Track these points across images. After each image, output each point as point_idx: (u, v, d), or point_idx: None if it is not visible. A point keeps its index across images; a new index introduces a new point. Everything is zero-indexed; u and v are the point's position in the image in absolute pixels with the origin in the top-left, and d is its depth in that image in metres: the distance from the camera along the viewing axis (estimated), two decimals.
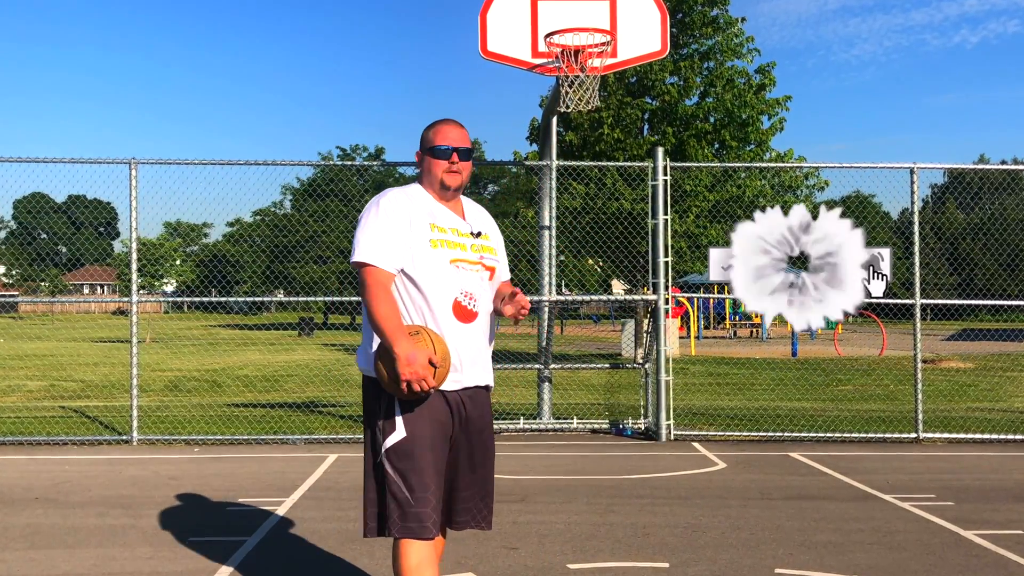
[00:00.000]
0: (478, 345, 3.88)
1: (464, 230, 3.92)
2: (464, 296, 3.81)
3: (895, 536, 6.41)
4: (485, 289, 3.91)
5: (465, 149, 3.94)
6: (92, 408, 13.84)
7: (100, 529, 6.60)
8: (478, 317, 3.86)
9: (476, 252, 3.90)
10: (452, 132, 3.95)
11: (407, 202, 3.84)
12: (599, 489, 7.96)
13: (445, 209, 3.92)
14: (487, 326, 3.94)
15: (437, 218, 3.86)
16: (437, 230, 3.82)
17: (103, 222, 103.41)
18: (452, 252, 3.81)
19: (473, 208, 4.09)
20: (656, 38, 10.73)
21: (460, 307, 3.81)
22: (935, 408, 13.51)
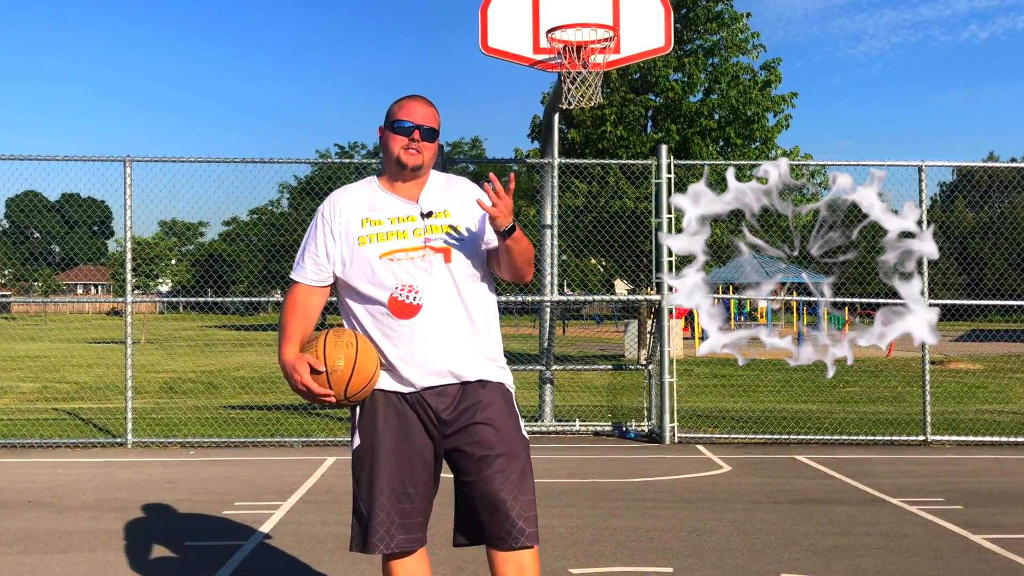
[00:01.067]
0: (432, 340, 3.54)
1: (408, 214, 3.63)
2: (401, 290, 3.54)
3: (903, 540, 6.40)
4: (436, 276, 3.57)
5: (429, 128, 3.65)
6: (86, 410, 13.84)
7: (94, 533, 6.60)
8: (422, 310, 3.54)
9: (420, 236, 3.58)
10: (418, 108, 3.67)
11: (343, 202, 3.70)
12: (602, 493, 7.96)
13: (390, 197, 3.67)
14: (445, 316, 3.56)
15: (375, 210, 3.64)
16: (369, 224, 3.62)
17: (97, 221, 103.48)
18: (384, 244, 3.58)
19: (439, 183, 3.75)
20: (660, 34, 10.72)
21: (396, 303, 3.54)
22: (943, 410, 13.51)
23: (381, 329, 3.58)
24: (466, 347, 3.59)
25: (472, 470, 3.54)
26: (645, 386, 11.76)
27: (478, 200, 3.51)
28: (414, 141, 3.62)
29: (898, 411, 13.70)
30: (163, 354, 27.20)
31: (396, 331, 3.55)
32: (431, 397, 3.56)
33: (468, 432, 3.55)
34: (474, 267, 3.66)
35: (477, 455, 3.53)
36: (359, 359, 3.50)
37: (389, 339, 3.57)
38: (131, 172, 10.65)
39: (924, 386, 10.95)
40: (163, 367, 22.61)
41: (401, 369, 3.56)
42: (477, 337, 3.63)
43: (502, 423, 3.58)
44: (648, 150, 22.47)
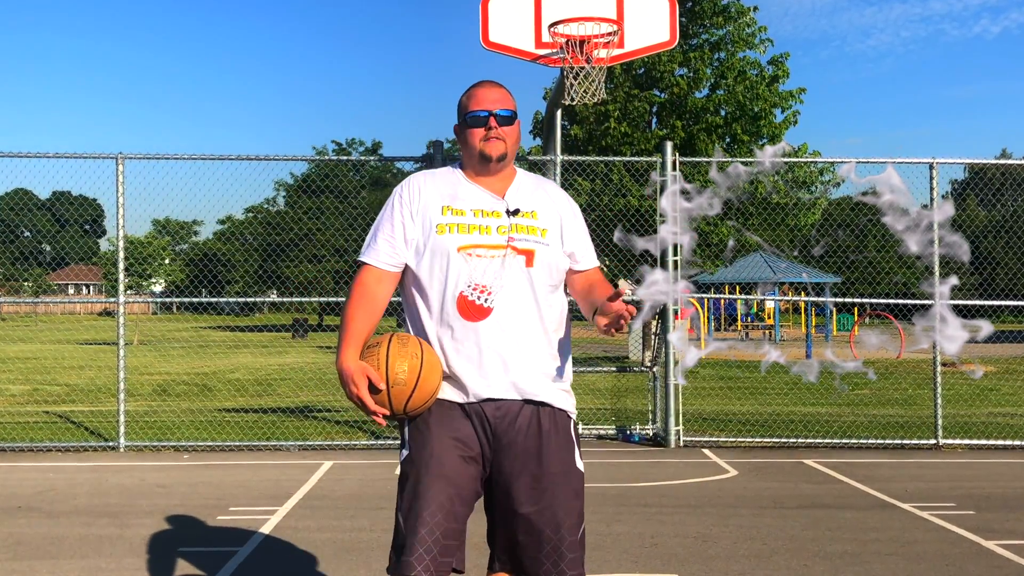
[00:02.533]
0: (500, 348, 3.34)
1: (493, 208, 3.45)
2: (472, 289, 3.34)
3: (914, 546, 6.40)
4: (513, 278, 3.37)
5: (506, 112, 3.49)
6: (77, 413, 13.84)
7: (86, 539, 6.60)
8: (492, 313, 3.34)
9: (503, 234, 3.40)
10: (490, 94, 3.50)
11: (423, 185, 3.52)
12: (605, 497, 7.96)
13: (475, 188, 3.49)
14: (517, 322, 3.37)
15: (458, 199, 3.46)
16: (451, 213, 3.42)
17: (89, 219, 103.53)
18: (464, 237, 3.38)
19: (529, 182, 3.60)
20: (664, 28, 10.72)
21: (466, 302, 3.34)
22: (955, 413, 13.50)
23: (445, 330, 3.38)
24: (535, 360, 3.41)
25: (521, 502, 3.35)
26: (649, 388, 11.76)
27: (612, 297, 3.24)
28: (491, 129, 3.46)
29: (909, 414, 13.70)
30: (156, 356, 27.21)
31: (461, 334, 3.36)
32: (489, 409, 3.37)
33: (523, 460, 3.37)
34: (555, 276, 3.50)
35: (530, 486, 3.35)
36: (423, 373, 3.30)
37: (454, 341, 3.37)
38: (123, 169, 10.66)
39: (935, 388, 10.95)
40: (156, 369, 22.61)
41: (462, 376, 3.37)
42: (549, 351, 3.46)
43: (559, 453, 3.40)
44: (653, 147, 22.48)
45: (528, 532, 3.34)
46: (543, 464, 3.36)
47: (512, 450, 3.37)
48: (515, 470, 3.36)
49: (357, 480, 8.80)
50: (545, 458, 3.37)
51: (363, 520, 7.09)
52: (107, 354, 26.13)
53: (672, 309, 10.92)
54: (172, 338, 37.91)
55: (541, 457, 3.37)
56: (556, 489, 3.36)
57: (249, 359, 26.55)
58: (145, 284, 46.76)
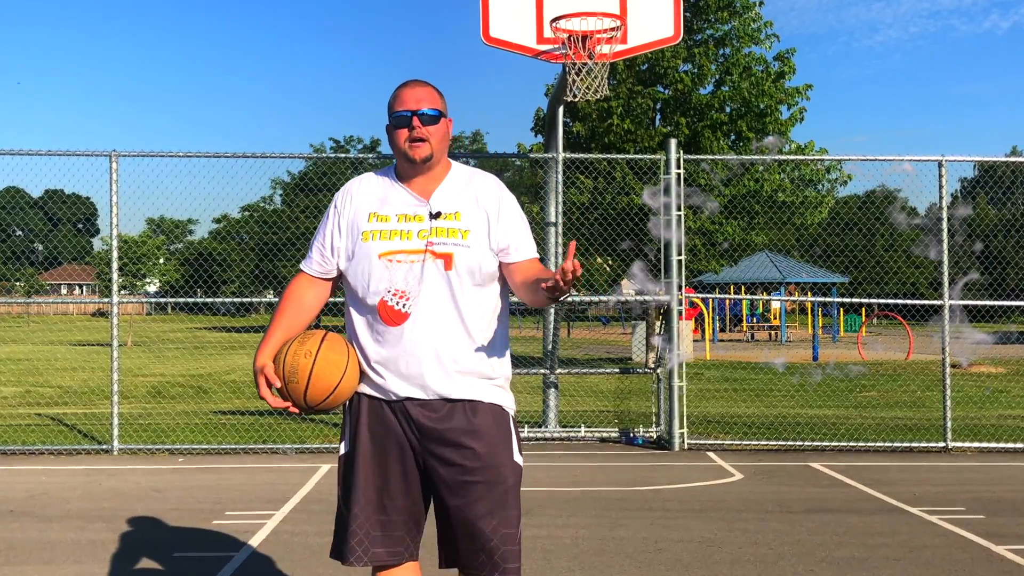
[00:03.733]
0: (418, 352, 3.47)
1: (416, 212, 3.55)
2: (392, 294, 3.48)
3: (922, 551, 6.40)
4: (432, 284, 3.48)
5: (428, 111, 3.54)
6: (70, 416, 13.85)
7: (79, 544, 6.60)
8: (410, 319, 3.47)
9: (423, 238, 3.50)
10: (414, 93, 3.57)
11: (356, 193, 3.66)
12: (608, 501, 7.96)
13: (403, 192, 3.59)
14: (435, 327, 3.48)
15: (385, 205, 3.59)
16: (376, 219, 3.57)
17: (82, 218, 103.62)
18: (385, 243, 3.52)
19: (458, 179, 3.66)
20: (668, 23, 10.73)
21: (386, 308, 3.49)
22: (964, 416, 13.50)
23: (370, 333, 3.55)
24: (455, 363, 3.50)
25: (448, 495, 3.50)
26: (653, 390, 11.76)
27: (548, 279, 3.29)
28: (414, 129, 3.52)
29: (917, 416, 13.69)
30: (151, 357, 27.21)
31: (383, 337, 3.52)
32: (413, 408, 3.51)
33: (448, 454, 3.49)
34: (479, 276, 3.55)
35: (456, 480, 3.48)
36: (315, 370, 3.47)
37: (376, 343, 3.53)
38: (117, 167, 10.66)
39: (944, 390, 10.94)
40: (151, 370, 22.62)
41: (384, 376, 3.52)
42: (471, 353, 3.54)
43: (489, 447, 3.51)
44: (656, 144, 22.47)
45: (460, 525, 3.50)
46: (474, 458, 3.49)
47: (440, 447, 3.50)
48: (442, 466, 3.50)
49: None
50: (475, 452, 3.49)
51: None
52: (100, 355, 26.15)
53: (676, 310, 10.92)
54: (167, 339, 37.92)
55: (472, 451, 3.49)
56: (488, 482, 3.49)
57: (245, 360, 26.52)
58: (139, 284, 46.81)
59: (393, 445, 3.54)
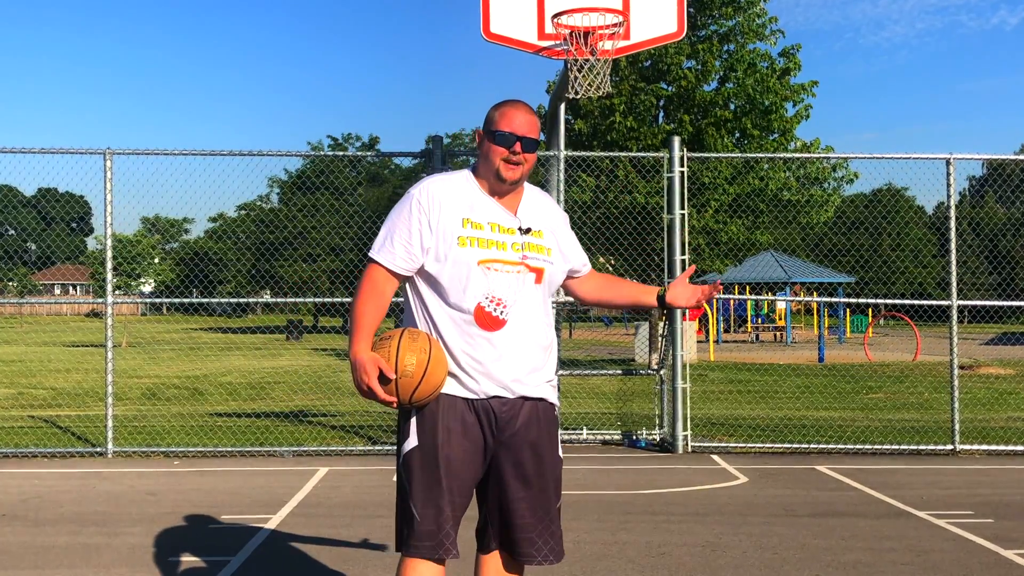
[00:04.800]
0: (509, 355, 3.72)
1: (508, 225, 3.78)
2: (490, 301, 3.69)
3: (930, 556, 6.40)
4: (525, 294, 3.76)
5: (531, 140, 3.76)
6: (64, 418, 13.85)
7: (72, 548, 6.60)
8: (506, 325, 3.71)
9: (518, 252, 3.75)
10: (520, 117, 3.77)
11: (441, 194, 3.75)
12: (610, 505, 7.96)
13: (491, 202, 3.79)
14: (526, 334, 3.75)
15: (476, 211, 3.75)
16: (471, 225, 3.72)
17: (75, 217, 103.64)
18: (484, 252, 3.70)
19: (533, 199, 3.94)
20: (672, 19, 10.71)
21: (483, 313, 3.69)
22: (973, 418, 13.50)
23: (460, 335, 3.71)
24: (538, 367, 3.82)
25: (512, 487, 3.80)
26: (656, 392, 11.76)
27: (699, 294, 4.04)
28: (515, 154, 3.73)
29: (925, 419, 13.70)
30: (145, 358, 27.23)
31: (475, 340, 3.70)
32: (497, 405, 3.74)
33: (519, 452, 3.79)
34: (553, 290, 3.92)
35: (522, 474, 3.80)
36: (430, 366, 3.61)
37: (469, 346, 3.70)
38: (112, 165, 10.66)
39: (952, 392, 10.94)
40: (145, 372, 22.63)
41: (475, 376, 3.71)
42: (547, 357, 3.86)
43: (548, 446, 3.85)
44: (660, 142, 22.47)
45: (527, 514, 3.80)
46: (539, 453, 3.82)
47: (515, 442, 3.78)
48: (517, 459, 3.79)
49: (353, 487, 8.80)
50: (541, 448, 3.83)
51: (360, 528, 7.09)
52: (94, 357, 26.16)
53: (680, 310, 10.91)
54: (162, 340, 37.94)
55: (538, 447, 3.82)
56: (549, 474, 3.85)
57: (242, 362, 26.57)
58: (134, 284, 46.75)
59: (469, 442, 3.72)
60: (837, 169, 24.64)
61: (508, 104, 3.82)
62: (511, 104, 3.82)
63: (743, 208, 23.47)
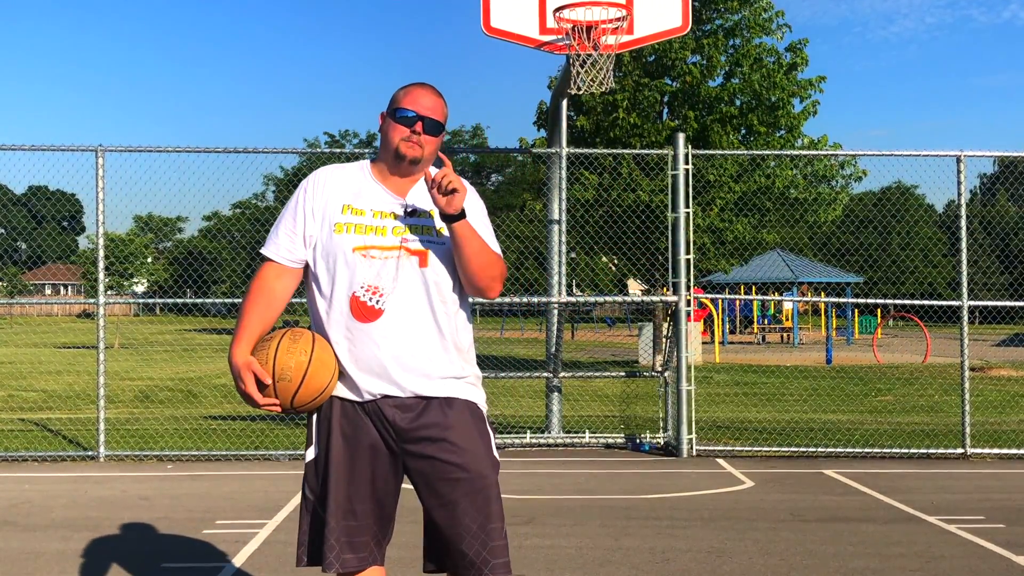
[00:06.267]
0: (392, 349, 3.55)
1: (390, 209, 3.64)
2: (364, 290, 3.55)
3: (940, 562, 6.40)
4: (406, 280, 3.57)
5: (434, 121, 3.65)
6: (55, 421, 13.86)
7: (63, 554, 6.60)
8: (383, 315, 3.54)
9: (398, 235, 3.60)
10: (424, 98, 3.68)
11: (326, 182, 3.70)
12: (614, 510, 7.96)
13: (378, 188, 3.68)
14: (408, 324, 3.56)
15: (360, 198, 3.66)
16: (350, 212, 3.63)
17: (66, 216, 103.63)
18: (359, 238, 3.59)
19: None
20: (676, 13, 10.71)
21: (358, 303, 3.55)
22: (984, 421, 13.50)
23: (340, 330, 3.59)
24: (429, 361, 3.60)
25: (431, 495, 3.59)
26: (661, 395, 11.77)
27: (425, 173, 3.56)
28: (415, 134, 3.63)
29: (935, 422, 13.70)
30: (138, 360, 27.22)
31: (354, 334, 3.57)
32: (388, 408, 3.57)
33: (428, 454, 3.57)
34: (452, 275, 3.66)
35: (437, 479, 3.57)
36: (311, 370, 3.52)
37: (348, 341, 3.58)
38: (103, 163, 10.66)
39: (963, 395, 10.94)
40: (138, 374, 22.63)
41: (356, 376, 3.58)
42: (444, 351, 3.63)
43: (467, 444, 3.59)
44: (664, 139, 22.46)
45: (444, 523, 3.58)
46: (453, 452, 3.57)
47: (417, 444, 3.58)
48: (422, 464, 3.59)
49: None
50: (457, 449, 3.57)
51: None
52: (86, 358, 26.16)
53: (685, 311, 10.92)
54: (155, 341, 37.94)
55: (450, 446, 3.57)
56: (469, 478, 3.56)
57: None
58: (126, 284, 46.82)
59: (365, 448, 3.59)
60: (845, 167, 24.63)
61: (413, 85, 3.73)
62: (416, 85, 3.73)
63: (749, 206, 23.45)
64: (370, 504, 3.62)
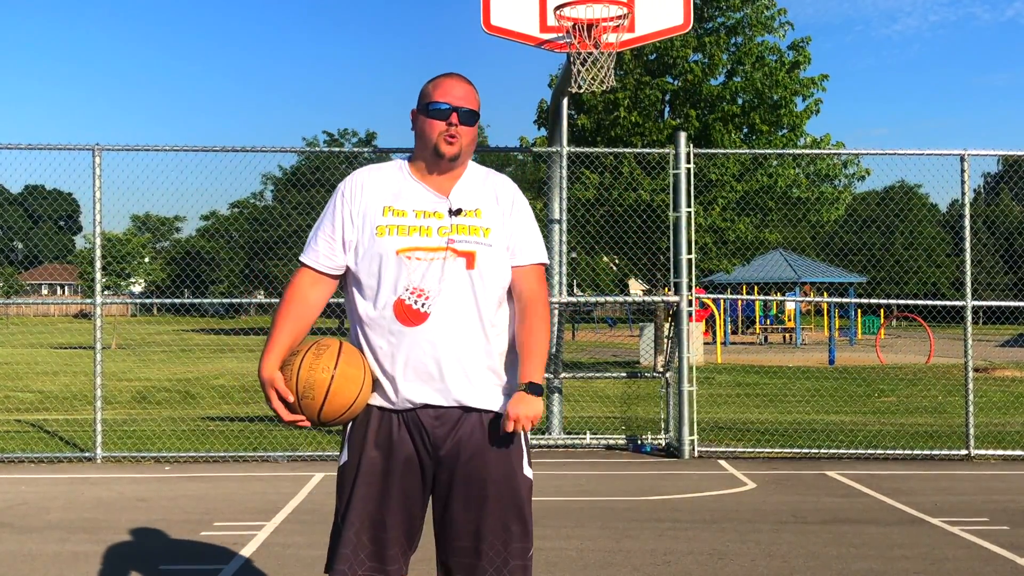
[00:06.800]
0: (437, 354, 3.46)
1: (435, 209, 3.55)
2: (410, 293, 3.44)
3: (944, 564, 6.40)
4: (453, 283, 3.48)
5: (468, 110, 3.57)
6: (51, 422, 13.86)
7: (60, 556, 6.60)
8: (429, 319, 3.44)
9: (444, 235, 3.50)
10: (455, 88, 3.59)
11: (364, 184, 3.61)
12: (615, 512, 7.96)
13: (419, 187, 3.59)
14: (454, 328, 3.47)
15: (401, 198, 3.56)
16: (392, 213, 3.53)
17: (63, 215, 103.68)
18: (403, 239, 3.49)
19: (475, 177, 3.69)
20: (678, 10, 10.72)
21: (403, 307, 3.45)
22: (988, 422, 13.50)
23: (383, 334, 3.48)
24: (475, 366, 3.51)
25: (459, 509, 3.51)
26: (662, 395, 11.76)
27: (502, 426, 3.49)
28: (451, 126, 3.54)
29: (938, 423, 13.69)
30: (135, 360, 27.21)
31: (398, 339, 3.46)
32: (427, 418, 3.49)
33: (462, 468, 3.50)
34: (498, 278, 3.58)
35: (468, 494, 3.50)
36: (333, 386, 3.44)
37: (391, 346, 3.48)
38: (100, 162, 10.66)
39: (967, 396, 10.94)
40: (135, 375, 22.62)
41: (399, 383, 3.48)
42: (489, 357, 3.55)
43: (502, 461, 3.53)
44: (665, 138, 22.48)
45: (468, 539, 3.50)
46: (485, 471, 3.51)
47: (453, 459, 3.50)
48: (455, 477, 3.51)
49: None
50: (488, 465, 3.51)
51: None
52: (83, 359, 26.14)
53: (686, 311, 10.92)
54: (152, 342, 37.94)
55: (484, 465, 3.51)
56: (498, 496, 3.50)
57: (235, 364, 26.54)
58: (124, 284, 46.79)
59: (400, 459, 3.50)
60: (848, 165, 24.65)
61: (443, 76, 3.65)
62: (446, 75, 3.64)
63: (751, 206, 23.46)
64: (400, 516, 3.52)
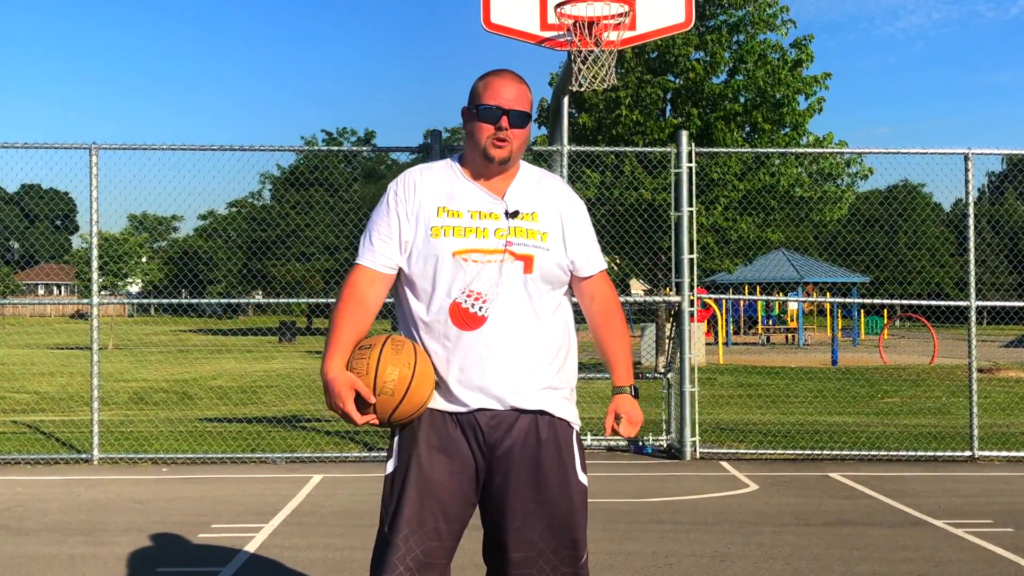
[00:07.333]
0: (492, 357, 3.40)
1: (491, 210, 3.48)
2: (467, 296, 3.39)
3: (947, 566, 6.40)
4: (510, 286, 3.43)
5: (519, 112, 3.48)
6: (48, 423, 13.86)
7: (57, 559, 6.60)
8: (487, 323, 3.39)
9: (501, 238, 3.44)
10: (506, 88, 3.49)
11: (417, 184, 3.53)
12: (615, 514, 7.96)
13: (473, 187, 3.52)
14: (512, 332, 3.42)
15: (455, 199, 3.49)
16: (447, 214, 3.46)
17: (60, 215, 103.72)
18: (460, 241, 3.42)
19: (530, 179, 3.63)
20: (680, 8, 10.71)
21: (459, 310, 3.39)
22: (992, 423, 13.49)
23: (438, 338, 3.44)
24: (532, 370, 3.46)
25: (512, 516, 3.43)
26: (663, 396, 11.76)
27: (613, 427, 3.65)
28: (502, 129, 3.47)
29: (942, 424, 13.69)
30: (133, 361, 27.22)
31: (454, 343, 3.41)
32: (484, 420, 3.43)
33: (516, 473, 3.43)
34: (556, 282, 3.55)
35: (521, 501, 3.43)
36: (415, 382, 3.36)
37: (446, 350, 3.43)
38: (97, 161, 10.66)
39: (971, 397, 10.93)
40: (133, 375, 22.63)
41: (454, 387, 3.42)
42: (546, 361, 3.50)
43: (556, 466, 3.47)
44: (667, 136, 22.49)
45: (523, 548, 3.41)
46: (540, 476, 3.43)
47: (507, 462, 3.43)
48: (510, 483, 3.43)
49: (348, 495, 8.80)
50: (542, 470, 3.44)
51: (355, 538, 7.09)
52: (80, 359, 26.15)
53: (688, 311, 10.92)
54: (150, 342, 37.95)
55: (538, 469, 3.44)
56: (554, 502, 3.43)
57: (233, 365, 26.58)
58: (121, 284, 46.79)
59: (454, 462, 3.44)
60: (851, 165, 24.66)
61: (493, 74, 3.56)
62: (496, 74, 3.55)
63: (753, 205, 23.47)
64: (456, 524, 3.45)
